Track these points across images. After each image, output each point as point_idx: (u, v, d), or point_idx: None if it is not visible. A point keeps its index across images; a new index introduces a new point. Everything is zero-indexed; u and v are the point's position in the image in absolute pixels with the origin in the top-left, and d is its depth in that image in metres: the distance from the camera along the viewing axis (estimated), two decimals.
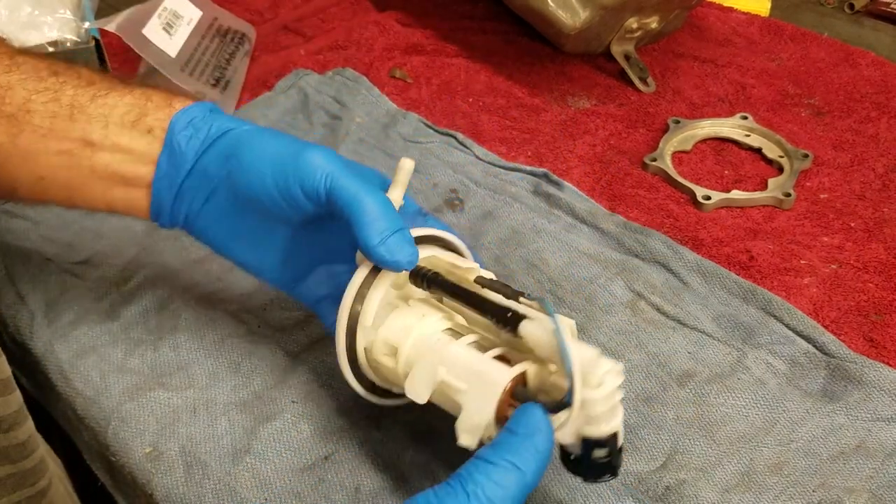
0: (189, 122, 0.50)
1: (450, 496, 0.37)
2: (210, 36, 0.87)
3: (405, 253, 0.45)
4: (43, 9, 0.77)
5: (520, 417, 0.39)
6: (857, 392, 0.54)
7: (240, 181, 0.48)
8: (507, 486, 0.37)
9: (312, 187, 0.46)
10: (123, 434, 0.53)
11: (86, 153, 0.49)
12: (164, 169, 0.50)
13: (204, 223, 0.51)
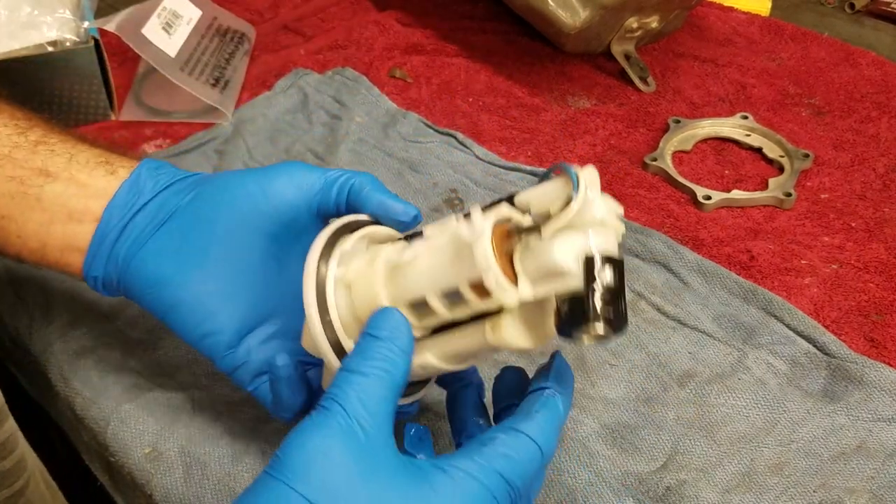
0: (160, 166, 0.49)
1: (329, 417, 0.37)
2: (209, 35, 0.87)
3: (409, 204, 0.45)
4: (42, 9, 0.77)
5: (379, 321, 0.40)
6: (858, 392, 0.54)
7: (213, 198, 0.46)
8: (380, 392, 0.38)
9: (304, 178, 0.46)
10: (123, 434, 0.53)
11: (37, 181, 0.47)
12: (121, 197, 0.47)
13: (147, 255, 0.47)
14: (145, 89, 0.85)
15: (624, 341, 0.58)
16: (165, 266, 0.47)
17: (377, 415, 0.37)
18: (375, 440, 0.37)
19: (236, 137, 0.78)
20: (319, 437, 0.36)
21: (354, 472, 0.36)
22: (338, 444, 0.36)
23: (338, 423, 0.37)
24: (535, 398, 0.41)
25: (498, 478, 0.38)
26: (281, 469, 0.36)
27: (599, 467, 0.50)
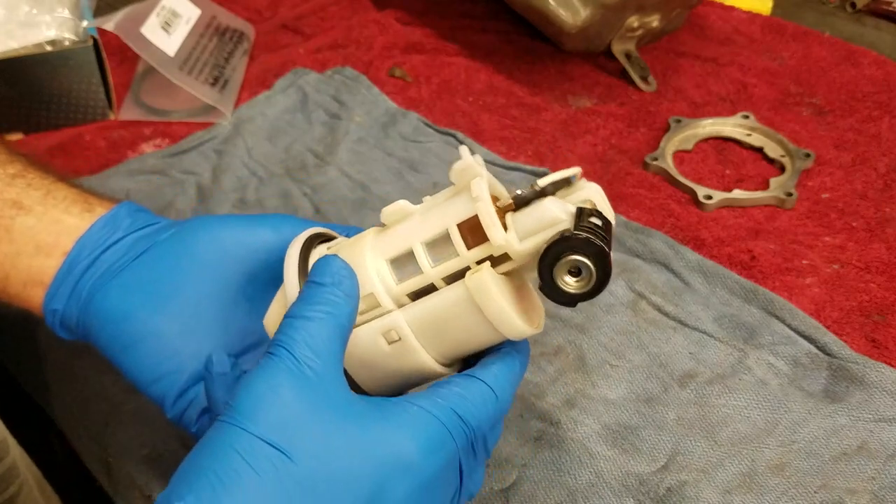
0: (138, 209, 0.48)
1: (275, 361, 0.36)
2: (209, 35, 0.87)
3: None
4: (41, 8, 0.77)
5: (321, 268, 0.39)
6: (859, 393, 0.53)
7: (193, 234, 0.46)
8: (325, 332, 0.37)
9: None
10: (122, 435, 0.53)
11: (9, 213, 0.46)
12: (95, 232, 0.46)
13: (113, 289, 0.46)
14: (144, 89, 0.85)
15: (624, 341, 0.58)
16: (131, 300, 0.46)
17: (323, 354, 0.37)
18: (325, 378, 0.37)
19: (235, 137, 0.78)
20: (267, 379, 0.36)
21: (305, 407, 0.36)
22: (286, 384, 0.36)
23: (285, 365, 0.36)
24: (492, 355, 0.42)
25: (453, 414, 0.38)
26: (232, 415, 0.35)
27: (600, 468, 0.50)
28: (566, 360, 0.57)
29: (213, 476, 0.34)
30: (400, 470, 0.36)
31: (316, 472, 0.35)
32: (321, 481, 0.35)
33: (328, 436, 0.35)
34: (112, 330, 0.46)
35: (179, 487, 0.34)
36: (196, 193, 0.72)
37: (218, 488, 0.33)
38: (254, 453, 0.34)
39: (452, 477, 0.39)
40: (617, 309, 0.60)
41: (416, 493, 0.36)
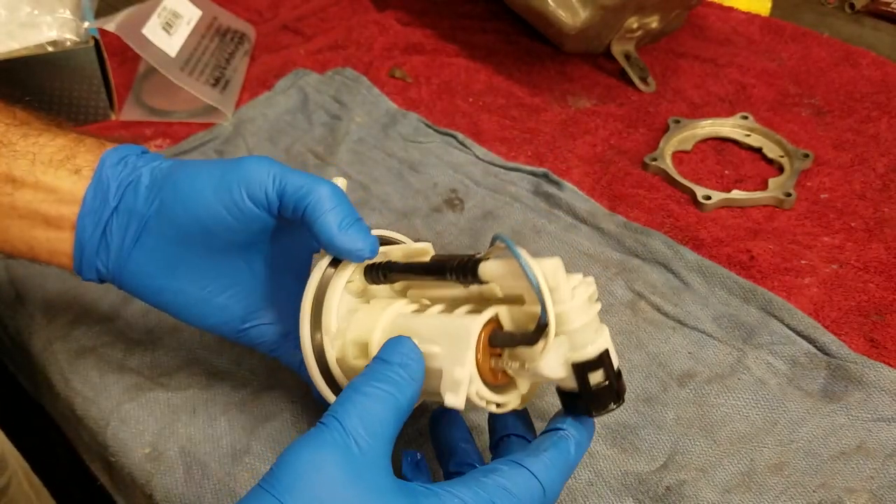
0: (121, 159, 0.48)
1: (325, 432, 0.36)
2: (210, 35, 0.87)
3: (367, 241, 0.44)
4: (42, 8, 0.77)
5: (391, 347, 0.40)
6: (858, 392, 0.54)
7: (176, 210, 0.46)
8: (382, 413, 0.37)
9: (261, 191, 0.45)
10: (122, 434, 0.53)
11: (6, 189, 0.47)
12: (89, 204, 0.47)
13: (136, 266, 0.48)
14: (145, 89, 0.85)
15: (623, 341, 0.58)
16: (155, 279, 0.48)
17: (376, 435, 0.37)
18: (370, 459, 0.36)
19: (236, 137, 0.78)
20: (313, 451, 0.36)
21: (346, 489, 0.35)
22: (331, 460, 0.35)
23: (333, 438, 0.36)
24: (548, 437, 0.40)
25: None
26: (272, 482, 0.35)
27: (599, 467, 0.50)
28: None
29: None
30: None
31: None
32: None
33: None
34: (153, 299, 0.49)
35: None
36: None
37: None
38: None
39: None
40: (616, 309, 0.61)
41: None
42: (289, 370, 0.57)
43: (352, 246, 0.44)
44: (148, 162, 0.48)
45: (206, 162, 0.47)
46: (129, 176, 0.48)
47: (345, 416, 0.36)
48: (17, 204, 0.47)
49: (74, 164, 0.48)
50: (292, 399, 0.55)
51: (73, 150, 0.48)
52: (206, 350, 0.59)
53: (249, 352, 0.58)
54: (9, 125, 0.48)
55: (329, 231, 0.44)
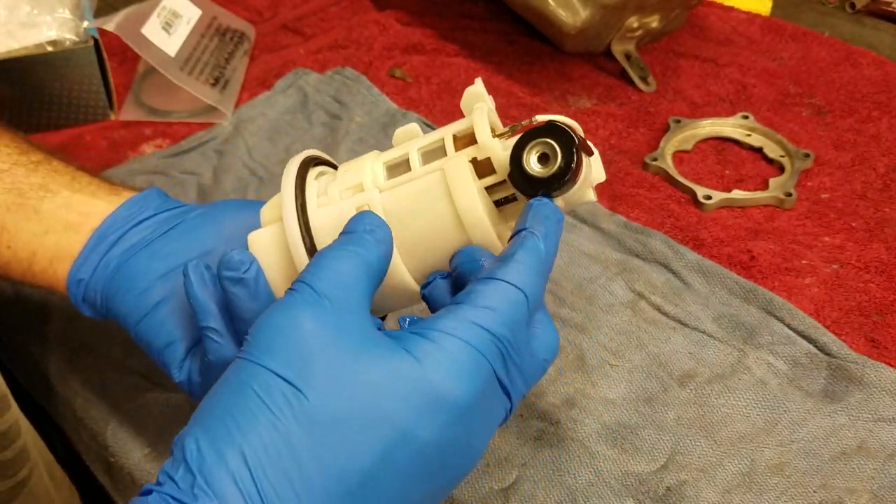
0: (166, 195, 0.50)
1: (297, 295, 0.35)
2: (209, 35, 0.87)
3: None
4: (42, 8, 0.77)
5: (354, 220, 0.38)
6: (859, 392, 0.54)
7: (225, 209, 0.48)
8: (351, 270, 0.36)
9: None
10: (122, 434, 0.53)
11: (37, 194, 0.47)
12: (124, 209, 0.48)
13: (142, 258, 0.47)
14: (145, 89, 0.85)
15: (624, 341, 0.58)
16: (155, 267, 0.46)
17: (347, 288, 0.35)
18: (347, 311, 0.34)
19: (236, 137, 0.78)
20: (284, 312, 0.34)
21: (325, 341, 0.33)
22: (307, 317, 0.34)
23: (304, 298, 0.34)
24: (513, 242, 0.38)
25: (482, 332, 0.34)
26: (248, 350, 0.34)
27: (599, 467, 0.50)
28: (566, 359, 0.57)
29: (228, 415, 0.32)
30: (430, 405, 0.33)
31: (335, 410, 0.32)
32: (341, 420, 0.32)
33: (348, 371, 0.33)
34: (134, 299, 0.46)
35: (194, 427, 0.32)
36: (197, 194, 0.72)
37: (232, 427, 0.32)
38: (269, 390, 0.32)
39: (495, 397, 0.35)
40: (617, 309, 0.61)
41: (452, 427, 0.33)
42: None
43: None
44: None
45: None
46: (176, 203, 0.49)
47: (313, 278, 0.35)
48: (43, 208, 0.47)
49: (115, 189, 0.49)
50: None
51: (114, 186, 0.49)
52: None
53: None
54: (49, 155, 0.49)
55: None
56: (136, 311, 0.46)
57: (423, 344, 0.34)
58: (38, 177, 0.48)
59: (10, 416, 0.47)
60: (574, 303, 0.61)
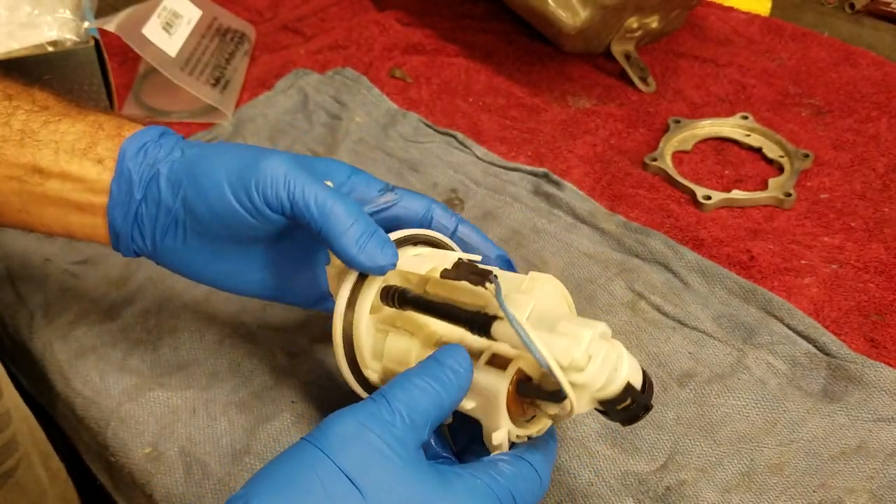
0: (140, 149, 0.49)
1: (373, 406, 0.39)
2: (210, 35, 0.87)
3: (385, 256, 0.45)
4: (42, 8, 0.77)
5: (447, 352, 0.42)
6: (858, 392, 0.54)
7: (198, 206, 0.47)
8: (426, 404, 0.40)
9: (276, 197, 0.45)
10: (123, 434, 0.53)
11: (35, 179, 0.48)
12: (116, 197, 0.48)
13: (169, 251, 0.49)
14: (145, 89, 0.85)
15: (624, 341, 0.58)
16: (189, 262, 0.50)
17: (415, 423, 0.39)
18: (408, 440, 0.39)
19: (236, 137, 0.78)
20: (361, 420, 0.38)
21: (385, 460, 0.38)
22: (377, 430, 0.38)
23: (380, 412, 0.39)
24: (537, 441, 0.44)
25: (508, 494, 0.40)
26: (320, 439, 0.38)
27: (599, 467, 0.50)
28: None
29: (289, 488, 0.36)
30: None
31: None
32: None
33: (402, 490, 0.37)
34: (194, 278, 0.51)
35: (255, 488, 0.36)
36: None
37: (289, 501, 0.36)
38: (332, 482, 0.36)
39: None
40: (616, 309, 0.61)
41: None
42: (289, 371, 0.57)
43: (371, 264, 0.45)
44: (167, 153, 0.49)
45: (227, 152, 0.47)
46: (149, 170, 0.48)
47: (393, 398, 0.39)
48: (49, 193, 0.48)
49: (97, 153, 0.48)
50: (292, 399, 0.55)
51: (93, 138, 0.49)
52: (206, 350, 0.59)
53: (249, 352, 0.58)
54: (29, 112, 0.49)
55: (346, 251, 0.44)
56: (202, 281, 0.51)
57: (464, 484, 0.40)
58: (26, 154, 0.48)
59: (1, 405, 0.47)
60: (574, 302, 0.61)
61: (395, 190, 0.51)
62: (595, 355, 0.39)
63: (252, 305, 0.62)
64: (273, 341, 0.59)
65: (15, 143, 0.48)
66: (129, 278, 0.64)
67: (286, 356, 0.58)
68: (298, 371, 0.57)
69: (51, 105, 0.50)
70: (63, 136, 0.48)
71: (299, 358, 0.58)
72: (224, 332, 0.60)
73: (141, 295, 0.62)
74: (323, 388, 0.56)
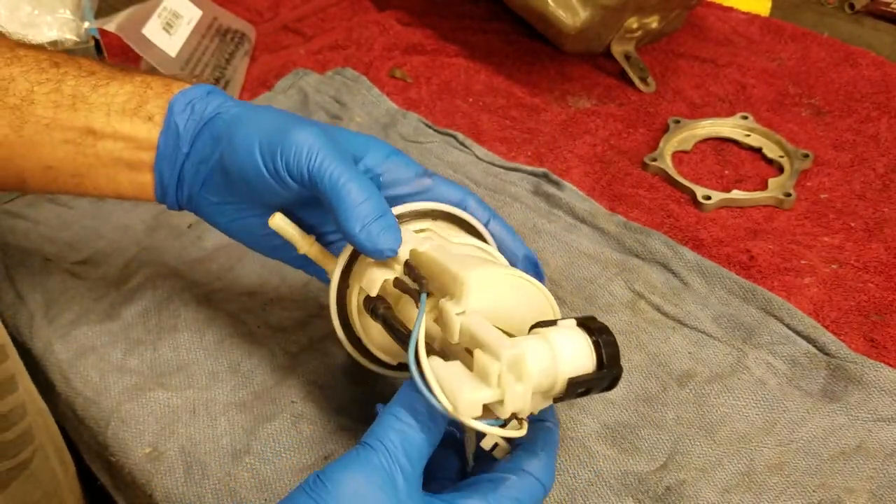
0: (188, 104, 0.50)
1: (372, 455, 0.39)
2: (210, 36, 0.87)
3: (387, 240, 0.44)
4: (43, 8, 0.77)
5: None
6: (858, 392, 0.54)
7: (231, 164, 0.48)
8: (420, 441, 0.40)
9: (297, 167, 0.45)
10: (123, 434, 0.53)
11: (89, 141, 0.50)
12: (163, 151, 0.50)
13: (207, 203, 0.51)
14: None
15: (623, 341, 0.58)
16: (224, 214, 0.51)
17: (414, 462, 0.40)
18: (410, 486, 0.39)
19: None
20: (361, 474, 0.39)
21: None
22: (377, 484, 0.38)
23: (380, 463, 0.39)
24: (538, 434, 0.43)
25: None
26: (319, 493, 0.38)
27: (599, 467, 0.50)
28: None
29: None
30: None
31: None
32: None
33: None
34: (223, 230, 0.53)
35: None
36: None
37: None
38: None
39: None
40: (616, 309, 0.61)
41: None
42: (289, 371, 0.57)
43: (371, 246, 0.44)
44: (215, 109, 0.50)
45: (265, 115, 0.48)
46: (196, 125, 0.50)
47: (389, 442, 0.40)
48: (101, 154, 0.50)
49: (146, 111, 0.50)
50: (292, 399, 0.55)
51: (142, 97, 0.50)
52: (205, 350, 0.59)
53: (249, 352, 0.58)
54: (77, 77, 0.50)
55: (348, 228, 0.44)
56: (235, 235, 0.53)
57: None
58: (80, 118, 0.50)
59: (15, 398, 0.48)
60: (574, 303, 0.61)
61: (433, 176, 0.51)
62: (511, 380, 0.37)
63: (252, 305, 0.62)
64: (273, 341, 0.59)
65: (68, 108, 0.50)
66: (129, 278, 0.64)
67: (286, 356, 0.58)
68: (298, 371, 0.57)
69: (96, 70, 0.51)
70: (113, 98, 0.50)
71: (299, 358, 0.58)
72: (224, 332, 0.60)
73: (141, 295, 0.62)
74: (323, 388, 0.56)
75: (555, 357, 0.38)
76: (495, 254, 0.48)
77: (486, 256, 0.47)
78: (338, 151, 0.46)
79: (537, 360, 0.37)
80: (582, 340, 0.38)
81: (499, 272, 0.42)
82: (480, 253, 0.47)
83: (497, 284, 0.42)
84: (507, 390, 0.37)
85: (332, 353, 0.58)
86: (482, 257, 0.46)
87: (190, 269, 0.65)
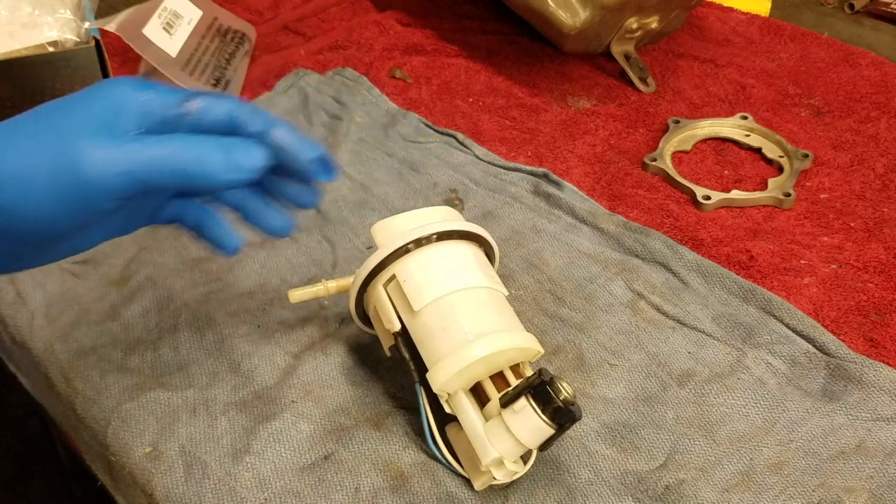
0: None
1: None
2: (210, 36, 0.87)
3: (251, 158, 0.42)
4: (43, 9, 0.77)
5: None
6: (857, 392, 0.54)
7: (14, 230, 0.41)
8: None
9: (115, 194, 0.41)
10: (123, 434, 0.53)
11: None
12: None
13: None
14: None
15: (623, 341, 0.58)
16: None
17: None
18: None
19: None
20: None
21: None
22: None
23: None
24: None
25: None
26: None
27: (599, 466, 0.50)
28: (565, 359, 0.57)
29: None
30: None
31: None
32: None
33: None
34: None
35: None
36: None
37: None
38: None
39: None
40: (616, 308, 0.61)
41: None
42: (289, 371, 0.57)
43: (238, 174, 0.42)
44: None
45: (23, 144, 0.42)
46: None
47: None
48: None
49: None
50: (293, 399, 0.55)
51: None
52: (205, 350, 0.59)
53: (249, 352, 0.58)
54: None
55: (218, 185, 0.42)
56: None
57: None
58: None
59: None
60: (573, 302, 0.61)
61: (200, 96, 0.45)
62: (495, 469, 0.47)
63: (252, 305, 0.62)
64: (273, 341, 0.59)
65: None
66: (129, 278, 0.64)
67: (286, 356, 0.58)
68: (298, 371, 0.57)
69: None
70: None
71: (299, 358, 0.58)
72: (224, 332, 0.60)
73: (141, 295, 0.62)
74: (324, 387, 0.56)
75: (518, 442, 0.46)
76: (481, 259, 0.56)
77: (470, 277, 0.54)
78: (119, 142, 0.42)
79: (509, 454, 0.46)
80: (534, 420, 0.45)
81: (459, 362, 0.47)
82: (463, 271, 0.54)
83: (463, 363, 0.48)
84: (494, 473, 0.47)
85: (332, 353, 0.58)
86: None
87: (190, 269, 0.65)
